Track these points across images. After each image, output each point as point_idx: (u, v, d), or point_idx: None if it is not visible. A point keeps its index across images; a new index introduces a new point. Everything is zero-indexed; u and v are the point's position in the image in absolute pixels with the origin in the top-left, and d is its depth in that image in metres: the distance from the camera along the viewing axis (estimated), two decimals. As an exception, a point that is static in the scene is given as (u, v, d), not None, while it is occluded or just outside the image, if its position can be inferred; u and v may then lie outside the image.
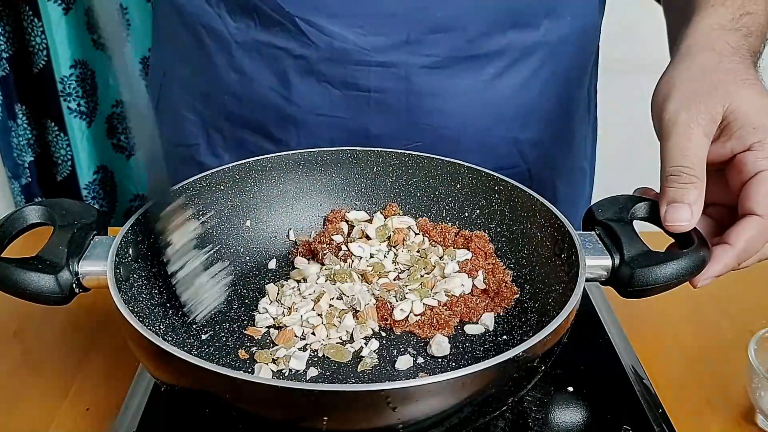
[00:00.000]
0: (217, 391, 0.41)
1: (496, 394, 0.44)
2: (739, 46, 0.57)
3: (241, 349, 0.53)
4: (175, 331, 0.54)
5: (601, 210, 0.55)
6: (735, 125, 0.52)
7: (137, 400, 0.54)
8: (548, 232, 0.57)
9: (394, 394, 0.39)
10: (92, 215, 0.52)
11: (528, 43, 0.70)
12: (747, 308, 0.69)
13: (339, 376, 0.51)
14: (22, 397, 0.57)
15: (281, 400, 0.39)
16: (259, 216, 0.64)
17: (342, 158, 0.65)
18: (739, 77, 0.54)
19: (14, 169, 1.34)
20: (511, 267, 0.61)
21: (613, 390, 0.56)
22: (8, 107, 1.28)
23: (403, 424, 0.40)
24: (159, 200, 0.52)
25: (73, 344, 0.62)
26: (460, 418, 0.43)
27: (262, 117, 0.73)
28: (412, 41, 0.67)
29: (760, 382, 0.53)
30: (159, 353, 0.41)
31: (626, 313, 0.65)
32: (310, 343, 0.54)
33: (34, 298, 0.47)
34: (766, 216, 0.51)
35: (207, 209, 0.60)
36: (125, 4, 1.27)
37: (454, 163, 0.64)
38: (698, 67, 0.55)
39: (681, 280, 0.50)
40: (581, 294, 0.48)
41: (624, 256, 0.51)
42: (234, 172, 0.62)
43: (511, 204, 0.61)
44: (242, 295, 0.59)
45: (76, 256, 0.49)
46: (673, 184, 0.51)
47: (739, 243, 0.51)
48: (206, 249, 0.54)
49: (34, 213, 0.52)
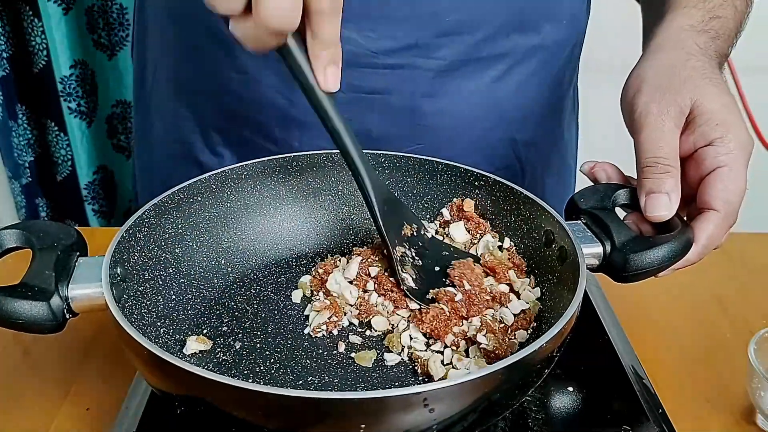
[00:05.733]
0: (245, 407, 0.40)
1: (521, 386, 0.45)
2: (707, 47, 0.59)
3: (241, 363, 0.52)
4: (169, 350, 0.52)
5: (583, 199, 0.57)
6: (700, 120, 0.54)
7: (137, 401, 0.53)
8: (536, 223, 0.58)
9: (432, 396, 0.38)
10: (72, 236, 0.49)
11: (529, 46, 0.72)
12: (747, 308, 0.69)
13: (336, 379, 0.51)
14: (22, 397, 0.57)
15: (316, 410, 0.39)
16: (238, 226, 0.63)
17: (318, 162, 0.65)
18: (705, 75, 0.56)
19: (14, 169, 1.34)
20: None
21: (613, 390, 0.56)
22: (8, 107, 1.28)
23: (438, 424, 0.40)
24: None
25: (73, 344, 0.62)
26: (486, 411, 0.44)
27: (264, 118, 0.73)
28: (421, 45, 0.68)
29: (760, 382, 0.53)
30: (190, 377, 0.40)
31: (626, 313, 0.65)
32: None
33: (27, 328, 0.44)
34: (722, 211, 0.53)
35: (186, 222, 0.59)
36: (125, 4, 1.27)
37: (431, 161, 0.64)
38: (667, 63, 0.58)
39: (673, 262, 0.52)
40: (585, 274, 0.49)
41: (615, 243, 0.52)
42: (210, 182, 0.60)
43: (493, 198, 0.61)
44: (230, 308, 0.58)
45: (65, 279, 0.46)
46: (650, 174, 0.53)
47: (701, 240, 0.53)
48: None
49: (10, 237, 0.49)
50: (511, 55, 0.71)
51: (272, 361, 0.53)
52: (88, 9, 1.26)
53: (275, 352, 0.54)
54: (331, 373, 0.51)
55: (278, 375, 0.51)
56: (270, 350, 0.54)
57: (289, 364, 0.52)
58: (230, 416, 0.41)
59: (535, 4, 0.70)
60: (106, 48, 1.29)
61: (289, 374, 0.51)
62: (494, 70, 0.71)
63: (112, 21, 1.28)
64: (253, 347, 0.54)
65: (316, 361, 0.53)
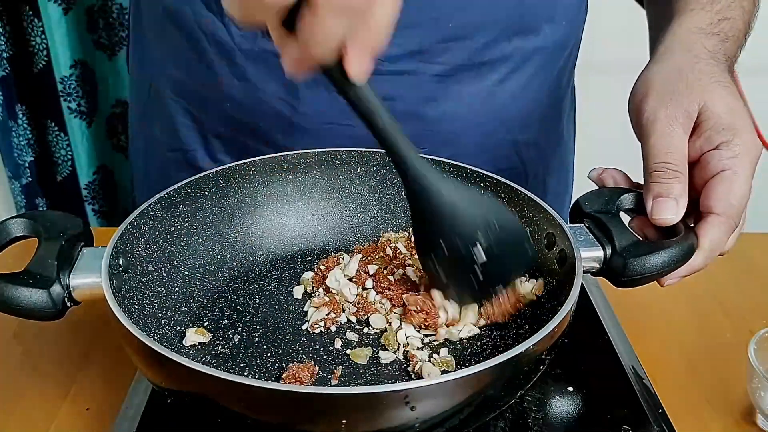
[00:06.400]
0: (232, 399, 0.40)
1: (508, 387, 0.45)
2: (715, 50, 0.59)
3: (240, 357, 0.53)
4: (169, 341, 0.53)
5: (587, 203, 0.57)
6: (706, 125, 0.54)
7: (137, 401, 0.53)
8: (538, 225, 0.58)
9: (413, 394, 0.38)
10: (78, 226, 0.50)
11: (529, 49, 0.72)
12: (747, 308, 0.69)
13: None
14: (22, 397, 0.57)
15: (303, 405, 0.39)
16: (244, 221, 0.63)
17: (326, 159, 0.65)
18: (713, 79, 0.56)
19: (14, 169, 1.34)
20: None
21: (613, 390, 0.56)
22: (8, 107, 1.28)
23: (421, 423, 0.40)
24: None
25: (73, 344, 0.62)
26: (473, 412, 0.44)
27: (266, 124, 0.73)
28: (425, 50, 0.68)
29: (760, 382, 0.53)
30: (172, 365, 0.40)
31: (626, 313, 0.65)
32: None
33: (27, 314, 0.46)
34: (723, 215, 0.52)
35: (192, 216, 0.60)
36: (125, 4, 1.27)
37: (437, 161, 0.64)
38: (675, 67, 0.57)
39: (673, 268, 0.52)
40: (581, 278, 0.49)
41: (616, 247, 0.52)
42: (218, 178, 0.61)
43: (497, 199, 0.61)
44: (232, 302, 0.59)
45: (67, 268, 0.47)
46: (658, 179, 0.53)
47: (705, 244, 0.53)
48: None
49: (18, 226, 0.50)
50: (512, 58, 0.71)
51: (269, 355, 0.53)
52: (88, 9, 1.26)
53: (272, 347, 0.54)
54: (325, 369, 0.52)
55: (273, 369, 0.52)
56: (268, 344, 0.54)
57: (285, 358, 0.53)
58: (221, 411, 0.42)
59: (535, 6, 0.70)
60: (106, 48, 1.29)
61: (285, 369, 0.51)
62: (496, 73, 0.72)
63: (112, 21, 1.28)
64: (251, 341, 0.55)
65: (312, 356, 0.53)
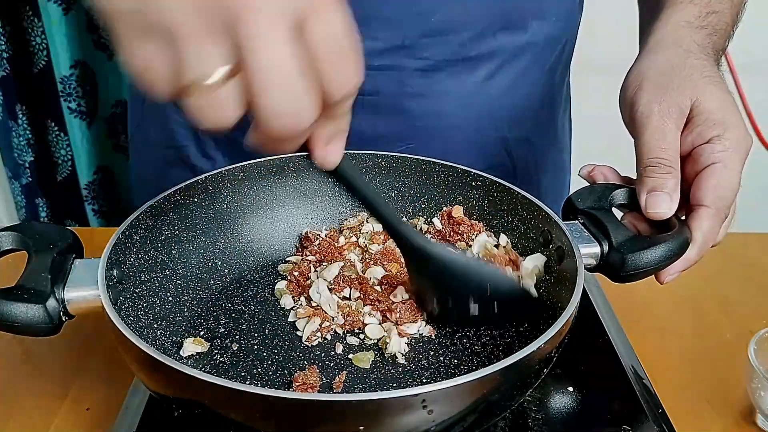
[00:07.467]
0: (243, 410, 0.40)
1: (519, 386, 0.45)
2: (704, 44, 0.60)
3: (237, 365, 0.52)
4: (166, 352, 0.52)
5: (580, 199, 0.57)
6: (698, 120, 0.54)
7: (137, 401, 0.53)
8: (533, 224, 0.58)
9: (430, 397, 0.38)
10: (68, 238, 0.49)
11: (517, 45, 0.72)
12: (747, 308, 0.69)
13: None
14: (22, 397, 0.57)
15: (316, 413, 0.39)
16: (235, 227, 0.63)
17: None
18: (705, 74, 0.56)
19: (14, 169, 1.34)
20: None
21: (613, 390, 0.56)
22: (8, 107, 1.28)
23: (437, 425, 0.40)
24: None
25: (73, 344, 0.62)
26: (484, 412, 0.44)
27: None
28: (407, 45, 0.68)
29: (760, 382, 0.53)
30: (183, 378, 0.39)
31: (626, 313, 0.65)
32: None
33: (23, 331, 0.44)
34: (713, 206, 0.53)
35: (182, 223, 0.59)
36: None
37: (428, 161, 0.64)
38: (667, 62, 0.58)
39: (670, 261, 0.52)
40: (583, 274, 0.49)
41: (612, 243, 0.53)
42: (206, 184, 0.60)
43: (490, 198, 0.62)
44: (227, 309, 0.58)
45: (61, 282, 0.46)
46: (652, 174, 0.53)
47: (698, 237, 0.53)
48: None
49: (6, 239, 0.49)
50: (499, 54, 0.71)
51: (269, 363, 0.53)
52: (88, 9, 1.26)
53: (272, 354, 0.54)
54: (329, 375, 0.51)
55: (276, 377, 0.51)
56: (267, 352, 0.54)
57: (287, 365, 0.52)
58: (228, 418, 0.41)
59: (521, 3, 0.70)
60: (106, 48, 1.29)
61: (287, 376, 0.51)
62: (483, 69, 0.71)
63: (112, 21, 1.28)
64: (250, 349, 0.54)
65: (314, 362, 0.53)
